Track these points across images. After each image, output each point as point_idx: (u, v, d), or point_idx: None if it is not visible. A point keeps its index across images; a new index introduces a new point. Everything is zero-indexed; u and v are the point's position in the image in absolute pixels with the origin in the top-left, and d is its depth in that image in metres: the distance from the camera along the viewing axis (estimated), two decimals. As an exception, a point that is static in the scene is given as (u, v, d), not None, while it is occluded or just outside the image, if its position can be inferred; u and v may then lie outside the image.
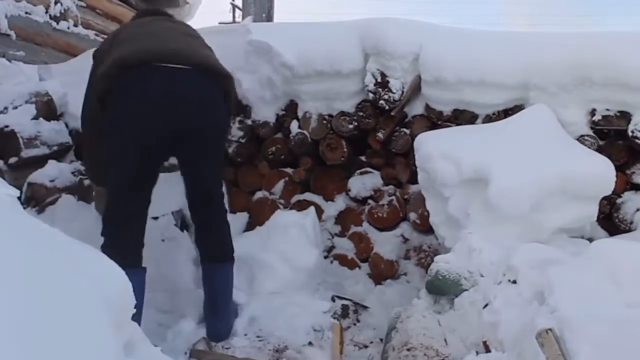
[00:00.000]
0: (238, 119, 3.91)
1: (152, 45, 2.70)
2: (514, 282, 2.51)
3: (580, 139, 3.26)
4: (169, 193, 3.24)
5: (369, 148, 3.86)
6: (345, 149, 3.77)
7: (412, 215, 3.72)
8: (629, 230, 3.27)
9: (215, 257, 2.88)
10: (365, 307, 3.45)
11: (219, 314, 2.86)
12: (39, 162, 3.75)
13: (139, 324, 2.36)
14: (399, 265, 3.78)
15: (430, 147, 3.12)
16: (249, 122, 3.92)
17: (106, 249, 2.59)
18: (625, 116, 3.23)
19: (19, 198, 1.71)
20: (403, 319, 2.60)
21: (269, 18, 8.48)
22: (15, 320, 1.02)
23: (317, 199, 3.98)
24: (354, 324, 3.31)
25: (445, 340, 2.47)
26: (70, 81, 4.38)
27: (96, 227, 2.77)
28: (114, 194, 2.73)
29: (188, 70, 2.64)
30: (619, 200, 3.35)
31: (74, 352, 1.07)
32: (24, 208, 3.24)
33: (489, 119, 3.45)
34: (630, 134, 3.20)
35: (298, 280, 3.28)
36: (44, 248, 1.30)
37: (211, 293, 2.87)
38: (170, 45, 2.71)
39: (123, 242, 2.62)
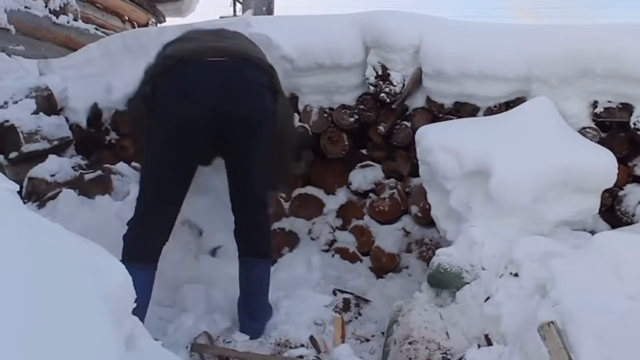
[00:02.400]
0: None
1: (192, 45, 2.82)
2: (516, 275, 2.50)
3: (582, 131, 3.24)
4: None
5: (370, 141, 3.85)
6: (346, 143, 3.77)
7: (414, 209, 3.72)
8: (631, 223, 3.26)
9: (254, 253, 2.86)
10: (366, 301, 3.45)
11: (254, 313, 2.85)
12: (40, 156, 3.75)
13: (143, 320, 2.37)
14: (401, 258, 3.78)
15: (432, 140, 3.11)
16: (249, 115, 3.90)
17: (126, 240, 2.63)
18: (627, 108, 3.22)
19: (20, 193, 1.71)
20: (404, 312, 2.60)
21: (270, 11, 8.47)
22: (15, 315, 1.02)
23: (318, 192, 3.98)
24: (356, 318, 3.31)
25: (447, 333, 2.47)
26: (70, 75, 4.38)
27: (96, 222, 2.78)
28: (149, 183, 2.76)
29: (224, 61, 2.71)
30: (620, 193, 3.34)
31: (74, 346, 1.07)
32: (25, 203, 3.25)
33: (490, 111, 3.43)
34: (632, 126, 3.18)
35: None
36: (45, 243, 1.30)
37: (247, 290, 2.85)
38: (207, 43, 2.81)
39: (145, 237, 2.65)
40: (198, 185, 3.07)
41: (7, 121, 3.64)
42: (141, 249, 2.62)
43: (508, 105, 3.41)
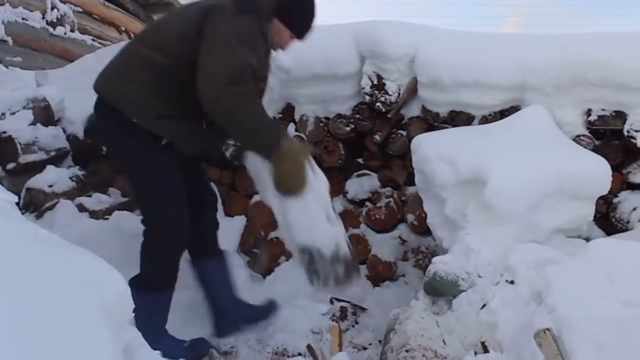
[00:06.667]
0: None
1: None
2: (512, 282, 2.51)
3: (577, 139, 3.27)
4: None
5: (366, 150, 3.87)
6: (342, 152, 3.78)
7: (410, 217, 3.73)
8: (626, 230, 3.28)
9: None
10: (363, 309, 3.45)
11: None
12: (37, 167, 3.76)
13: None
14: (397, 266, 3.79)
15: (427, 148, 3.13)
16: (246, 125, 3.91)
17: None
18: (620, 116, 3.24)
19: (18, 204, 1.71)
20: (401, 320, 2.60)
21: (266, 21, 8.48)
22: (13, 325, 1.02)
23: (315, 201, 3.98)
24: (353, 326, 3.32)
25: (444, 341, 2.47)
26: (67, 86, 4.39)
27: (94, 232, 2.78)
28: None
29: None
30: (615, 200, 3.36)
31: (72, 356, 1.07)
32: (23, 214, 3.25)
33: (485, 120, 3.46)
34: (625, 133, 3.21)
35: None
36: (42, 253, 1.31)
37: None
38: None
39: None
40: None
41: (4, 132, 3.65)
42: None
43: (503, 113, 3.43)
